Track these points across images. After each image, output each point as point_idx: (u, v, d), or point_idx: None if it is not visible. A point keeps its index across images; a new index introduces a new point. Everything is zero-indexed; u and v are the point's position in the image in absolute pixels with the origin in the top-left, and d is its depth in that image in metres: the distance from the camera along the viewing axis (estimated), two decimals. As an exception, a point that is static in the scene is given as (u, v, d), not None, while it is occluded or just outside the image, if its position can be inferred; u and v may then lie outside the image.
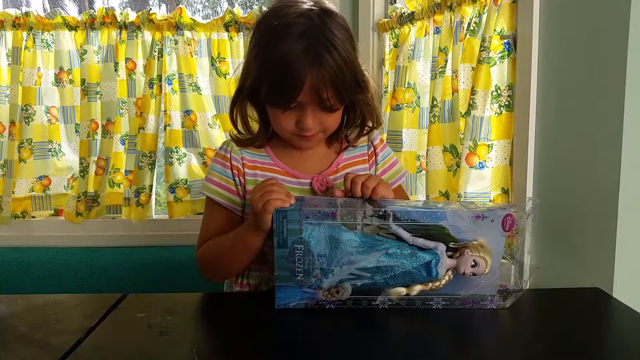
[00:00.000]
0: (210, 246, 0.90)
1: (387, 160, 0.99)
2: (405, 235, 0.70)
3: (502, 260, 0.72)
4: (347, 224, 0.70)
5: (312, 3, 0.84)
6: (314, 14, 0.82)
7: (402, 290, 0.72)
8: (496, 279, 0.72)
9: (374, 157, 0.98)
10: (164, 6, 2.11)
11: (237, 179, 0.93)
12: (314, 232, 0.69)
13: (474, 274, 0.71)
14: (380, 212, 0.70)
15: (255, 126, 0.94)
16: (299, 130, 0.86)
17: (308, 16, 0.82)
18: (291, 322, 0.71)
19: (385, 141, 1.03)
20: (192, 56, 1.54)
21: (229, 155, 0.94)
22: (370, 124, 0.95)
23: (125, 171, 1.60)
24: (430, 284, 0.72)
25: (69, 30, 1.57)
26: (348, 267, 0.70)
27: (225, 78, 1.55)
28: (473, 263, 0.70)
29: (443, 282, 0.72)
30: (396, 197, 0.95)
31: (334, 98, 0.82)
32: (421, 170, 1.39)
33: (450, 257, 0.71)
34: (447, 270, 0.72)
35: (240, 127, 0.93)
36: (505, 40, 1.09)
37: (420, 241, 0.70)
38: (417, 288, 0.72)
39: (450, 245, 0.71)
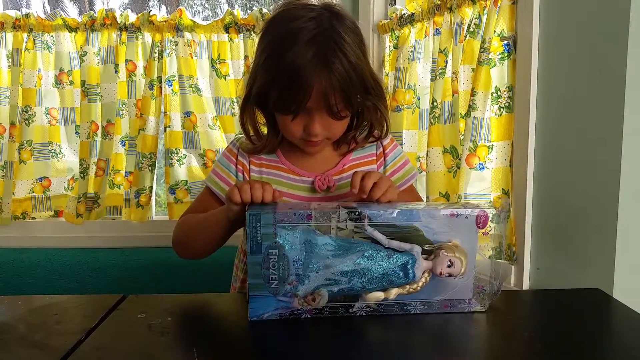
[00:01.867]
0: (188, 218, 0.94)
1: (398, 161, 0.97)
2: (381, 237, 0.69)
3: (477, 259, 0.72)
4: (322, 229, 0.68)
5: (321, 6, 0.83)
6: (324, 17, 0.81)
7: (380, 295, 0.71)
8: (472, 281, 0.72)
9: (382, 158, 0.96)
10: (164, 8, 2.11)
11: (240, 174, 0.93)
12: (288, 236, 0.68)
13: (450, 275, 0.71)
14: (355, 214, 0.69)
15: (264, 130, 0.93)
16: (306, 135, 0.86)
17: (318, 20, 0.80)
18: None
19: (395, 141, 1.00)
20: (192, 58, 1.54)
21: (236, 151, 0.95)
22: (377, 132, 0.94)
23: (126, 172, 1.60)
24: (408, 287, 0.71)
25: (69, 32, 1.58)
26: (324, 271, 0.69)
27: (225, 79, 1.55)
28: (449, 263, 0.70)
29: (420, 284, 0.71)
30: (407, 197, 0.94)
31: (341, 104, 0.81)
32: (421, 172, 1.39)
33: (426, 259, 0.71)
34: (424, 272, 0.71)
35: (251, 132, 0.92)
36: (505, 42, 1.09)
37: (396, 244, 0.69)
38: (395, 291, 0.71)
39: (425, 248, 0.70)
